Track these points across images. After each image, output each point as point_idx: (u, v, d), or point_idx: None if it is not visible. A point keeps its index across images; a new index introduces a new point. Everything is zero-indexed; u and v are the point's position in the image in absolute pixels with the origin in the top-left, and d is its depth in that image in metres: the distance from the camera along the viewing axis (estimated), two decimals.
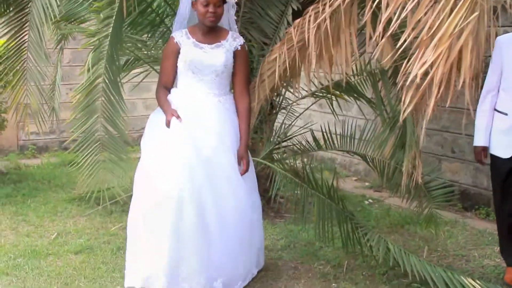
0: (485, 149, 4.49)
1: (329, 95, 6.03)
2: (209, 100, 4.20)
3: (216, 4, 4.11)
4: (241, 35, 4.48)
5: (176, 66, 4.25)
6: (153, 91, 10.00)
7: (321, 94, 6.11)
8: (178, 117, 4.03)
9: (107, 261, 5.00)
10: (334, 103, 6.15)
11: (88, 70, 4.17)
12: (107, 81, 4.13)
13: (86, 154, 4.38)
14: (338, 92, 6.00)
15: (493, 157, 4.47)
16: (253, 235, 4.36)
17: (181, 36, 4.25)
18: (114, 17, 4.21)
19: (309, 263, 5.00)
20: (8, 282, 4.58)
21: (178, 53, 4.22)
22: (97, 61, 4.14)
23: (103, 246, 5.33)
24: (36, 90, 4.65)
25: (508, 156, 4.36)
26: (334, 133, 6.00)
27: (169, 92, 4.28)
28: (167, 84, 4.30)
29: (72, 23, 5.80)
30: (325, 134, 5.92)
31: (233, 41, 4.26)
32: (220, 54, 4.19)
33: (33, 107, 4.77)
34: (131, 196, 6.39)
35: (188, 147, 4.02)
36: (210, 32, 4.24)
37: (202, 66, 4.17)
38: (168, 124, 4.05)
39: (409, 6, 2.70)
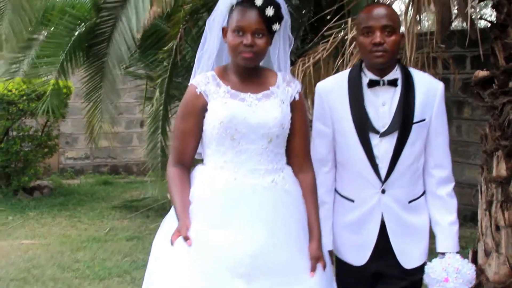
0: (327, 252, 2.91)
1: None
2: (259, 182, 2.62)
3: (255, 33, 2.58)
4: None
5: (201, 131, 2.68)
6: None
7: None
8: (187, 237, 2.50)
9: None
10: None
11: (156, 100, 5.87)
12: (163, 111, 5.90)
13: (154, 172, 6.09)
14: None
15: (341, 263, 3.03)
16: None
17: (206, 83, 2.66)
18: (170, 64, 5.98)
19: None
20: (83, 253, 6.35)
21: (204, 110, 2.65)
22: (160, 94, 5.87)
23: (147, 236, 7.06)
24: (109, 118, 6.42)
25: (363, 263, 2.94)
26: None
27: (189, 173, 2.72)
28: (184, 161, 2.71)
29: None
30: None
31: (287, 86, 2.72)
32: (274, 108, 2.65)
33: (106, 130, 6.55)
34: (162, 204, 8.30)
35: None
36: (251, 74, 2.70)
37: (248, 127, 2.61)
38: (172, 243, 2.54)
39: None
